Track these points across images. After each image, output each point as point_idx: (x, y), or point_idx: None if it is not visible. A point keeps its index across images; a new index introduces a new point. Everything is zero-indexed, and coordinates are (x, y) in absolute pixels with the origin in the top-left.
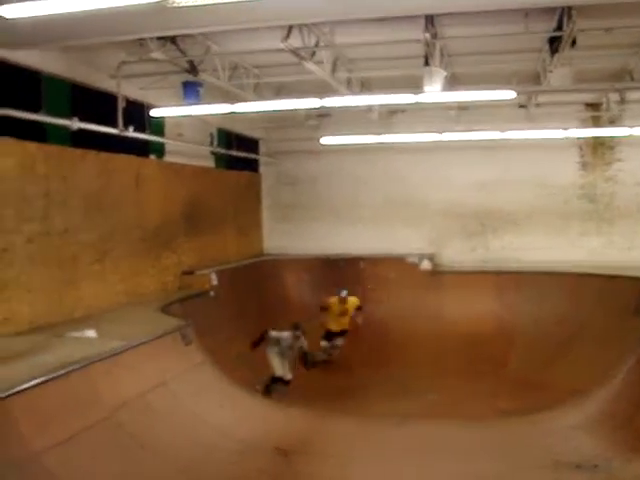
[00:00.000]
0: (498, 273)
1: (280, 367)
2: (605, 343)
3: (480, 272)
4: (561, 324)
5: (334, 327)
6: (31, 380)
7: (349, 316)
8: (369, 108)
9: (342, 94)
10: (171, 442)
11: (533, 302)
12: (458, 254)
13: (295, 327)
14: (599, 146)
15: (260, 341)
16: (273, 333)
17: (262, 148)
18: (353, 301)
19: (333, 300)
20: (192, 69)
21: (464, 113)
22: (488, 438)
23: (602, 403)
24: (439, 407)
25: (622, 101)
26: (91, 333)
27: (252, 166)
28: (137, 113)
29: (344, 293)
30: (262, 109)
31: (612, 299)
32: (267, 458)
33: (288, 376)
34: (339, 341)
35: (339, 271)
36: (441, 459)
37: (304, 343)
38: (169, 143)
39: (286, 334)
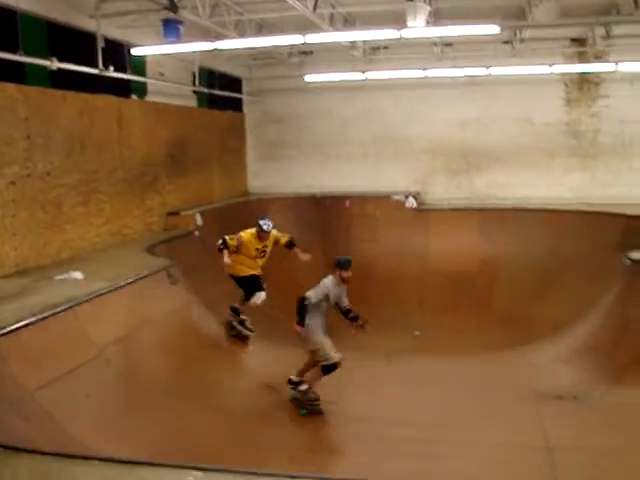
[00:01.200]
0: (482, 210)
1: (330, 346)
2: (588, 278)
3: (465, 209)
4: (545, 260)
5: (251, 271)
6: (20, 321)
7: (266, 259)
8: (352, 45)
9: (325, 30)
10: (159, 378)
11: (517, 238)
12: (443, 192)
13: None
14: (584, 82)
15: (303, 314)
16: (311, 294)
17: (245, 87)
18: (275, 235)
19: (246, 235)
20: (172, 6)
21: (448, 50)
22: (472, 371)
23: (584, 336)
24: (425, 343)
25: (608, 36)
26: (77, 275)
27: (236, 105)
28: (117, 53)
29: (267, 224)
30: (244, 46)
31: (595, 235)
32: (258, 392)
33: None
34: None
35: (325, 209)
36: (426, 390)
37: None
38: (151, 83)
39: (328, 281)
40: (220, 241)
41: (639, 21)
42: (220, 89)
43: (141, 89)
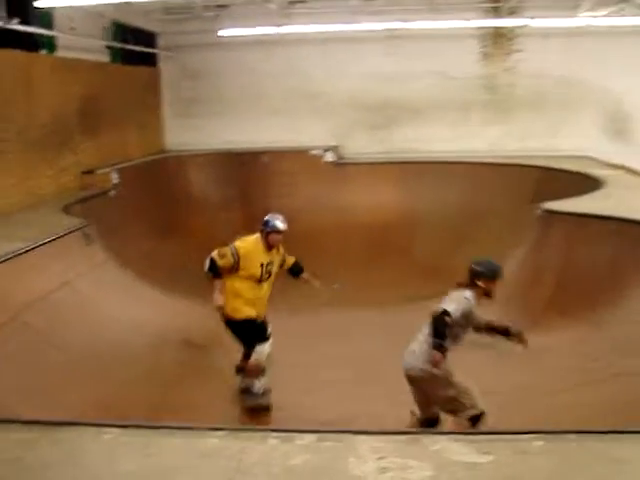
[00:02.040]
0: (401, 164)
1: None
2: (504, 229)
3: (383, 163)
4: (462, 212)
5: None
6: None
7: (271, 285)
8: None
9: None
10: (79, 339)
11: (435, 191)
12: (363, 146)
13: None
14: (499, 37)
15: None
16: (450, 308)
17: (160, 42)
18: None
19: (246, 245)
20: None
21: (366, 4)
22: (393, 321)
23: (500, 285)
24: (346, 297)
25: None
26: None
27: (150, 61)
28: (22, 4)
29: (279, 223)
30: None
31: (510, 187)
32: (178, 350)
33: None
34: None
35: (244, 166)
36: (349, 342)
37: None
38: (61, 37)
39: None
40: (207, 263)
41: None
42: (134, 44)
43: (50, 44)
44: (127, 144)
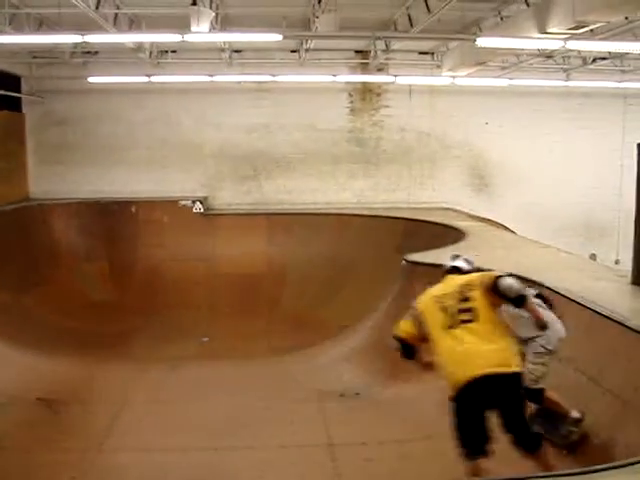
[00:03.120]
0: (269, 215)
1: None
2: (372, 280)
3: (252, 214)
4: (331, 263)
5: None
6: None
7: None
8: (139, 47)
9: (107, 31)
10: None
11: (304, 242)
12: (232, 197)
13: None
14: (367, 92)
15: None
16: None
17: (25, 86)
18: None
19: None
20: None
21: (237, 56)
22: (258, 374)
23: (365, 336)
24: (213, 349)
25: (387, 50)
26: None
27: (13, 105)
28: None
29: (464, 262)
30: (18, 42)
31: (377, 238)
32: (29, 410)
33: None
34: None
35: (112, 215)
36: (214, 398)
37: None
38: None
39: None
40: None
41: (413, 37)
42: None
43: None
44: None
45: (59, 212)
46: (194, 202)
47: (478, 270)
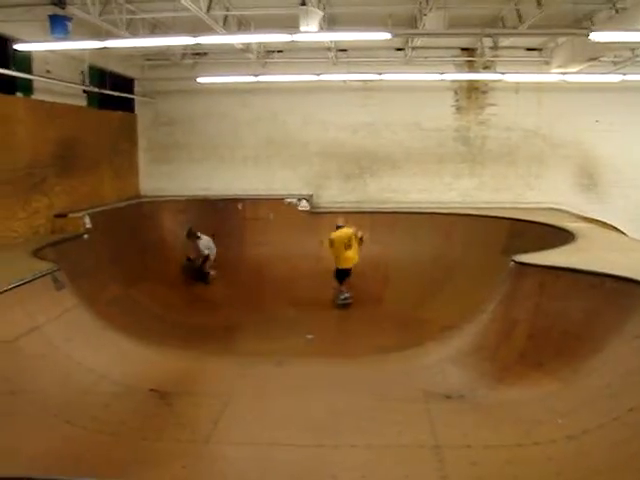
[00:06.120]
0: (373, 213)
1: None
2: (475, 281)
3: (356, 212)
4: (435, 262)
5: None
6: None
7: (355, 247)
8: (247, 47)
9: (218, 32)
10: (44, 386)
11: (408, 241)
12: (336, 195)
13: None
14: (473, 90)
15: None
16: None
17: (137, 87)
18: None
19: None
20: (59, 1)
21: (342, 55)
22: (363, 373)
23: (471, 337)
24: (318, 345)
25: (495, 47)
26: None
27: (127, 106)
28: (0, 47)
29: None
30: (134, 45)
31: (483, 239)
32: (143, 399)
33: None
34: None
35: (219, 212)
36: (319, 395)
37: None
38: (37, 80)
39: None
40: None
41: (522, 34)
42: (111, 89)
43: (27, 87)
44: (102, 188)
45: (168, 209)
46: (299, 200)
47: None
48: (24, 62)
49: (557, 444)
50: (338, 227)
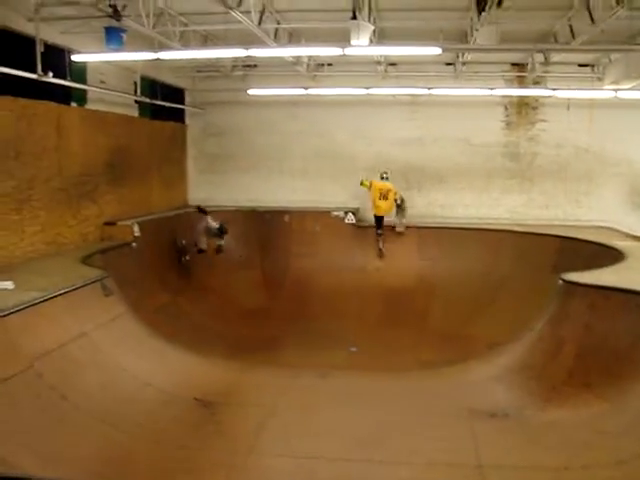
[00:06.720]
0: (420, 228)
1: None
2: (523, 298)
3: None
4: (482, 279)
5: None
6: None
7: (390, 202)
8: (297, 60)
9: (269, 45)
10: (92, 392)
11: (454, 257)
12: None
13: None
14: (523, 106)
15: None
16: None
17: (188, 98)
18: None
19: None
20: (115, 14)
21: (392, 69)
22: (407, 388)
23: (518, 355)
24: (362, 359)
25: (546, 62)
26: (8, 284)
27: (178, 116)
28: (57, 58)
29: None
30: (186, 57)
31: (531, 256)
32: (187, 408)
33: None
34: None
35: (266, 224)
36: (362, 409)
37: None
38: (91, 90)
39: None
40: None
41: (575, 50)
42: (162, 99)
43: (81, 96)
44: (151, 197)
45: (216, 218)
46: (346, 213)
47: None
48: (79, 73)
49: (607, 468)
50: (382, 177)
